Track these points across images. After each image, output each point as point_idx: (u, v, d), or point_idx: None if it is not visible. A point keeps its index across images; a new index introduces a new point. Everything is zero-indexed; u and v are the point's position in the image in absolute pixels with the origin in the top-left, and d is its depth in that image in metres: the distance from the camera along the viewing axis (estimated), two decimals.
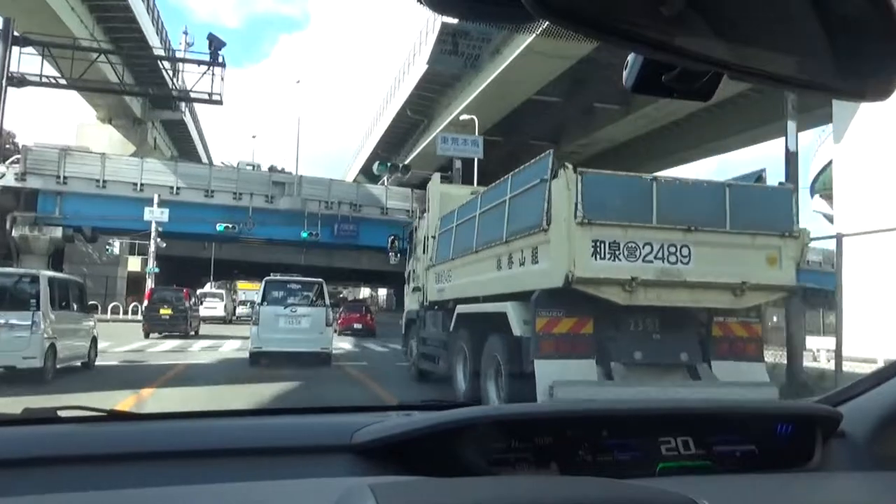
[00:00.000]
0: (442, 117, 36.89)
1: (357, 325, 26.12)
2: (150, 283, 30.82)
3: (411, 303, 11.85)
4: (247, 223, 33.49)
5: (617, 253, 6.06)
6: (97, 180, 31.03)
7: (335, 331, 15.53)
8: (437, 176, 11.72)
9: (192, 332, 22.75)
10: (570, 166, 6.15)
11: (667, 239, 6.17)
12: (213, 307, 34.79)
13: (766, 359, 7.65)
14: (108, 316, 26.81)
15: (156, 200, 30.93)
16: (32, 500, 1.10)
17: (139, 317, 29.04)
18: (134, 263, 45.70)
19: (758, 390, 6.24)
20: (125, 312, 29.71)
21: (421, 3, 0.63)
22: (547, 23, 0.62)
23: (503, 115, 35.09)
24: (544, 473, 1.37)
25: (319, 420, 1.73)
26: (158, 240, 31.50)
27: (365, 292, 79.13)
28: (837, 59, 0.71)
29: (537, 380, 6.09)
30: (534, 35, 0.70)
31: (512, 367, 6.73)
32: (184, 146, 52.39)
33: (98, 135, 41.31)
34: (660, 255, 6.14)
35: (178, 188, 32.27)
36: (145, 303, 23.58)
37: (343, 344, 18.94)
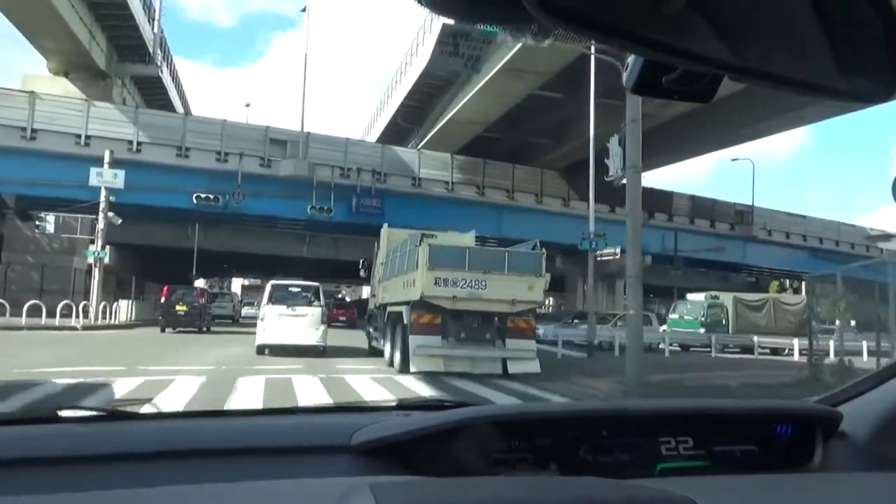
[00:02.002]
0: (493, 60, 28.28)
1: (342, 318, 33.63)
2: (96, 275, 22.06)
3: (370, 305, 18.19)
4: (235, 194, 24.80)
5: (447, 283, 11.36)
6: (23, 129, 22.20)
7: None
8: (385, 225, 16.45)
9: (205, 328, 23.37)
10: (426, 240, 11.96)
11: (473, 276, 11.47)
12: (223, 307, 35.35)
13: None
14: (11, 318, 17.83)
15: (107, 158, 22.18)
16: (33, 500, 1.09)
17: (74, 321, 20.20)
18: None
19: (527, 353, 11.94)
20: (51, 315, 20.31)
21: (421, 3, 0.63)
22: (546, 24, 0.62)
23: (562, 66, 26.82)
24: (544, 474, 1.37)
25: (318, 420, 1.76)
26: (111, 214, 22.70)
27: (367, 291, 71.15)
28: (839, 60, 0.70)
29: (410, 346, 11.53)
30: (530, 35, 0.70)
31: (401, 340, 12.07)
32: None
33: (49, 90, 32.39)
34: (469, 284, 11.42)
35: (139, 143, 23.50)
36: (162, 300, 24.10)
37: None
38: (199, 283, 56.10)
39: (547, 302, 73.47)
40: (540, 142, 39.22)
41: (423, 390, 9.59)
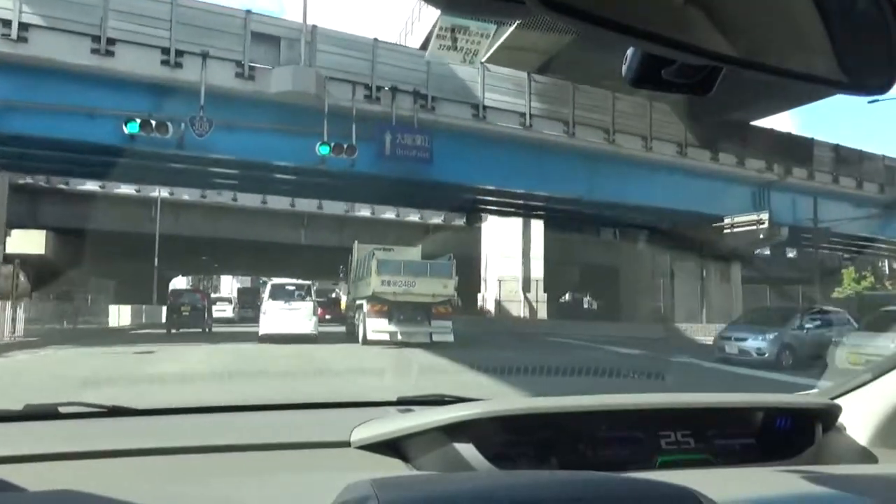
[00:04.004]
0: None
1: (328, 316, 33.15)
2: None
3: (347, 299, 24.58)
4: (195, 122, 14.94)
5: (390, 283, 16.82)
6: None
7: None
8: (356, 242, 21.55)
9: (207, 329, 24.65)
10: (376, 254, 17.78)
11: (406, 279, 17.01)
12: (223, 310, 37.50)
13: None
14: None
15: None
16: (33, 496, 1.09)
17: None
18: (26, 240, 27.30)
19: (445, 329, 17.37)
20: None
21: None
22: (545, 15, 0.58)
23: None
24: (545, 468, 1.38)
25: (319, 415, 1.81)
26: None
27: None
28: (838, 51, 0.71)
29: (366, 325, 17.04)
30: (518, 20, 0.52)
31: (362, 323, 17.48)
32: None
33: None
34: (404, 284, 16.91)
35: (23, 26, 13.55)
36: (169, 301, 26.02)
37: None
38: (179, 280, 46.56)
39: (566, 297, 63.75)
40: (611, 83, 29.87)
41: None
